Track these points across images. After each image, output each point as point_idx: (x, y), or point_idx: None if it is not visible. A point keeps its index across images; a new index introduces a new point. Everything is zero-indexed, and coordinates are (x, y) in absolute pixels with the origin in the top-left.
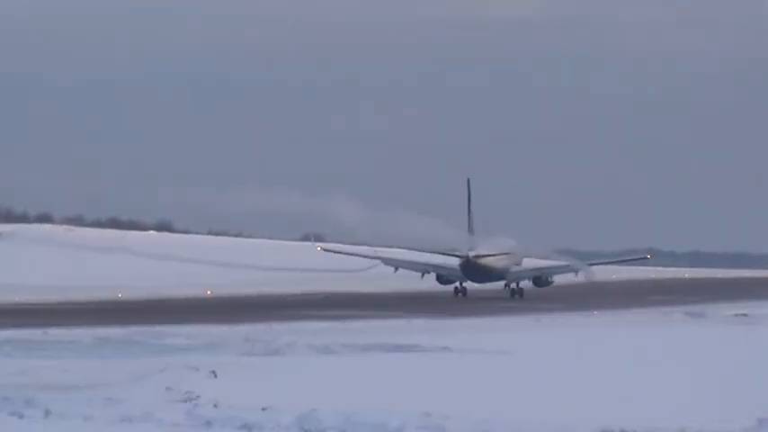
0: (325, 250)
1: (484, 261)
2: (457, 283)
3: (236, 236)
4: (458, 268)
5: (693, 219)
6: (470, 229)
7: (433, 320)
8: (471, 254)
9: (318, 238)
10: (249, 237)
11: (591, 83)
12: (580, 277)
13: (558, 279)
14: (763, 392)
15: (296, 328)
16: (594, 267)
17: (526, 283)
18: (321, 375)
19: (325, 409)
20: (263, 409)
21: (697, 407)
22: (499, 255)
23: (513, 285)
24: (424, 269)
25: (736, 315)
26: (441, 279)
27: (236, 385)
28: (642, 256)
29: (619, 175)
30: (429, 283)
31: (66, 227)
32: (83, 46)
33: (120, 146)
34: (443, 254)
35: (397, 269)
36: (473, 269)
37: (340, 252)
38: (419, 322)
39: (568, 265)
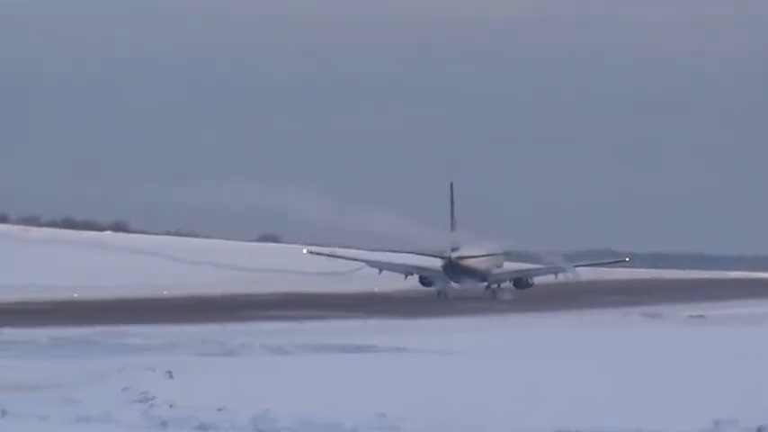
0: (312, 253)
1: (466, 262)
2: (439, 285)
3: (193, 236)
4: (440, 270)
5: (651, 220)
6: (453, 231)
7: (389, 321)
8: (454, 255)
9: (275, 239)
10: (207, 237)
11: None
12: (560, 278)
13: (539, 280)
14: (719, 394)
15: (252, 329)
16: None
17: (507, 285)
18: (276, 376)
19: (280, 409)
20: (219, 410)
21: (652, 408)
22: (481, 256)
23: (495, 286)
24: (407, 271)
25: (692, 316)
26: (423, 280)
27: (193, 386)
28: (622, 258)
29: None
30: (413, 284)
31: (21, 227)
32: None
33: (81, 145)
34: (427, 255)
35: (381, 271)
36: (455, 270)
37: (327, 255)
38: (375, 323)
39: (549, 267)
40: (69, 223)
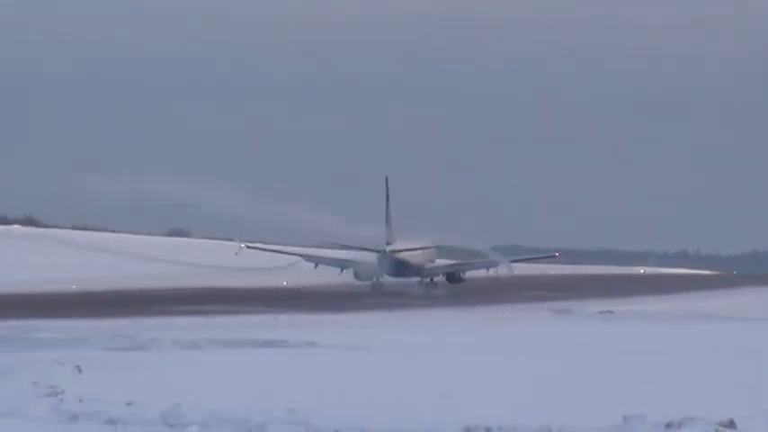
0: (250, 248)
1: (400, 256)
2: (374, 278)
3: (103, 230)
4: (375, 263)
5: (560, 215)
6: (388, 225)
7: (300, 316)
8: (388, 248)
9: (184, 233)
10: (114, 231)
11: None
12: (492, 273)
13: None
14: (629, 390)
15: (163, 324)
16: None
17: (440, 279)
18: (186, 371)
19: (190, 404)
20: (128, 404)
21: (562, 403)
22: (415, 250)
23: (428, 280)
24: (342, 265)
25: (601, 312)
26: (358, 275)
27: (102, 380)
28: (551, 254)
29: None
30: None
31: None
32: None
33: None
34: (361, 249)
35: (317, 265)
36: (390, 264)
37: (265, 250)
38: (286, 318)
39: (481, 262)
40: None
